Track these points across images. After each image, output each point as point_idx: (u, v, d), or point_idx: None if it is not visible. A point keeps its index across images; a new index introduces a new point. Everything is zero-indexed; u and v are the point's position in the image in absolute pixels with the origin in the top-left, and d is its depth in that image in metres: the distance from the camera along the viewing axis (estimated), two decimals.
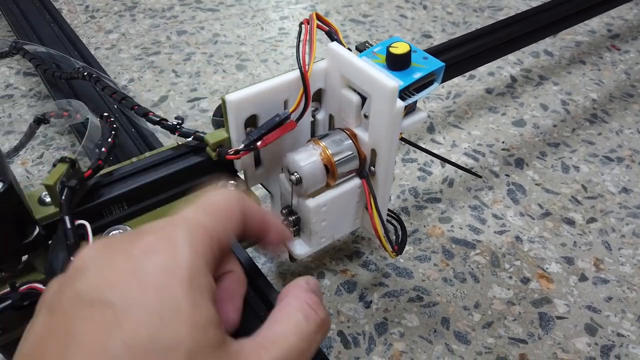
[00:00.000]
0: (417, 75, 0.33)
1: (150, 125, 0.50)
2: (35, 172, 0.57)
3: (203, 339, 0.17)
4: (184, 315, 0.17)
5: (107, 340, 0.16)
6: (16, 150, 0.53)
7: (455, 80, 0.73)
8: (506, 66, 0.77)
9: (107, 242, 0.20)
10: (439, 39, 0.83)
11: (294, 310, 0.21)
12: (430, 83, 0.35)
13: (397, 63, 0.33)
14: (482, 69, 0.75)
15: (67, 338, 0.16)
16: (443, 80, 0.36)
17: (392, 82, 0.30)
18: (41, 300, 0.19)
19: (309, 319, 0.21)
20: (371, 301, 0.46)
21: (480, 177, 0.58)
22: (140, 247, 0.18)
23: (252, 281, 0.33)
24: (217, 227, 0.21)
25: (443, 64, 0.34)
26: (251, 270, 0.34)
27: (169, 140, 0.51)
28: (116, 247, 0.19)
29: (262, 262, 0.48)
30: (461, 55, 0.51)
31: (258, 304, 0.31)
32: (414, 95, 0.34)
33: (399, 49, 0.33)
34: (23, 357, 0.17)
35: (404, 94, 0.33)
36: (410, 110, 0.35)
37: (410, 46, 0.33)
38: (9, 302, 0.26)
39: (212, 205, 0.21)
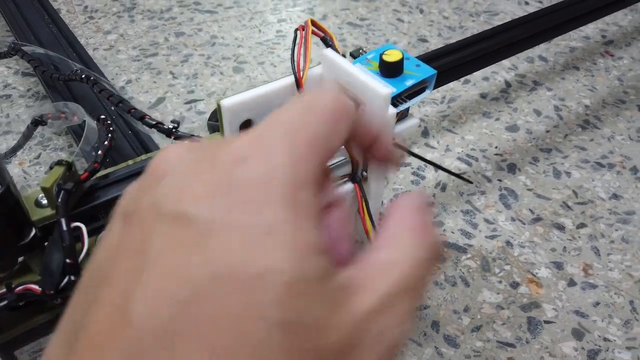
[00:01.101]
0: (410, 83, 0.34)
1: (147, 128, 0.50)
2: (32, 173, 0.57)
3: (305, 268, 0.14)
4: (281, 238, 0.14)
5: (188, 264, 0.13)
6: (14, 150, 0.53)
7: (450, 84, 0.74)
8: (501, 71, 0.78)
9: (190, 146, 0.16)
10: (435, 43, 0.83)
11: (401, 232, 0.18)
12: (423, 90, 0.35)
13: (389, 70, 0.34)
14: (477, 74, 0.76)
15: (143, 256, 0.14)
16: (437, 85, 0.37)
17: (385, 88, 0.31)
18: (117, 208, 0.16)
19: (421, 244, 0.17)
20: None
21: (471, 182, 0.59)
22: (229, 153, 0.15)
23: None
24: (325, 130, 0.16)
25: (435, 71, 0.35)
26: None
27: (165, 142, 0.52)
28: (200, 152, 0.16)
29: None
30: (456, 61, 0.52)
31: None
32: (406, 101, 0.34)
33: (392, 56, 0.33)
34: (93, 272, 0.15)
35: (396, 100, 0.34)
36: (402, 116, 0.36)
37: (402, 54, 0.34)
38: (4, 302, 0.27)
39: (319, 104, 0.17)
